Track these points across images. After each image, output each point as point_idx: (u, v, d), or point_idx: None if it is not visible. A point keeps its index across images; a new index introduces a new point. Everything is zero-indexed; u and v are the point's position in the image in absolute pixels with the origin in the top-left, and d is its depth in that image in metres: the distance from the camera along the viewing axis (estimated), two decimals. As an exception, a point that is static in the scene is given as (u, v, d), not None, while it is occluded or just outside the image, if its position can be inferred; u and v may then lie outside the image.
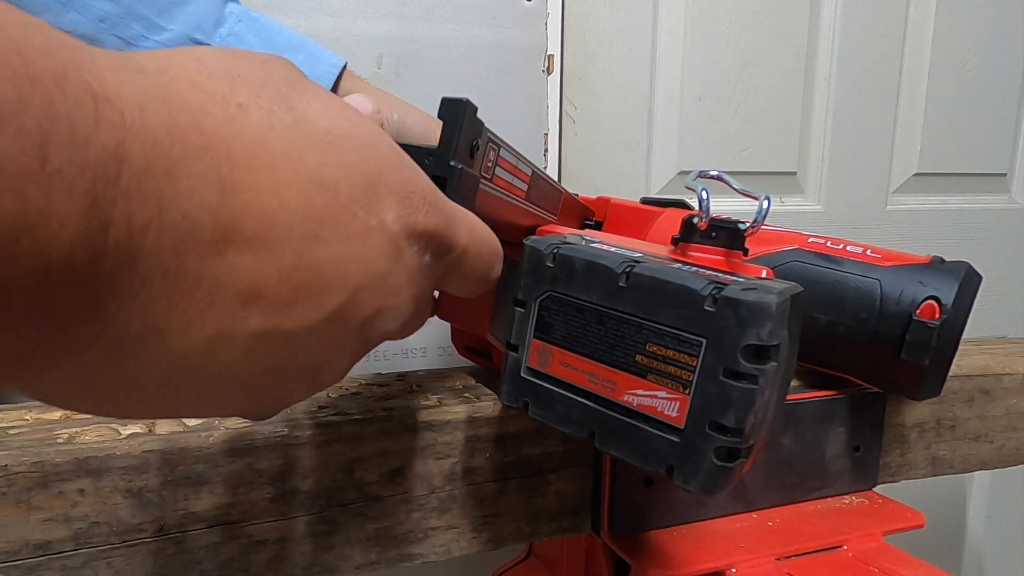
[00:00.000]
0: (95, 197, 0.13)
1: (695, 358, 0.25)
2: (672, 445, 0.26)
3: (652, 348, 0.27)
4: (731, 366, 0.25)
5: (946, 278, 0.38)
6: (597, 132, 0.72)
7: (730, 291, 0.25)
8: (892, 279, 0.38)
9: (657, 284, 0.26)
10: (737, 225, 0.31)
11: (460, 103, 0.27)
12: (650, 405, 0.27)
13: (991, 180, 0.90)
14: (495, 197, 0.32)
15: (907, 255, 0.40)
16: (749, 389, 0.25)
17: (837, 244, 0.41)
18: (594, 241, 0.31)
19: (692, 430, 0.26)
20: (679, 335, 0.26)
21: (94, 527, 0.31)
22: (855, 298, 0.39)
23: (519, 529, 0.40)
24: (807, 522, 0.41)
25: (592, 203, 0.49)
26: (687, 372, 0.26)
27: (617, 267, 0.27)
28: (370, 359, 0.63)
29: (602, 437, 0.28)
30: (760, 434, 0.26)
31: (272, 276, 0.17)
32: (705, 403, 0.25)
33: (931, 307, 0.37)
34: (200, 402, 0.19)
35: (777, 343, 0.25)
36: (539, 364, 0.30)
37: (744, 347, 0.24)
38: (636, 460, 0.27)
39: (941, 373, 0.39)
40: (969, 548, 1.00)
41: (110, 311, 0.15)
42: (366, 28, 0.60)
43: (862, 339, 0.39)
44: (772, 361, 0.25)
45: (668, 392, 0.26)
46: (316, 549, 0.35)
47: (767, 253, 0.41)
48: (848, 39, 0.79)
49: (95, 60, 0.14)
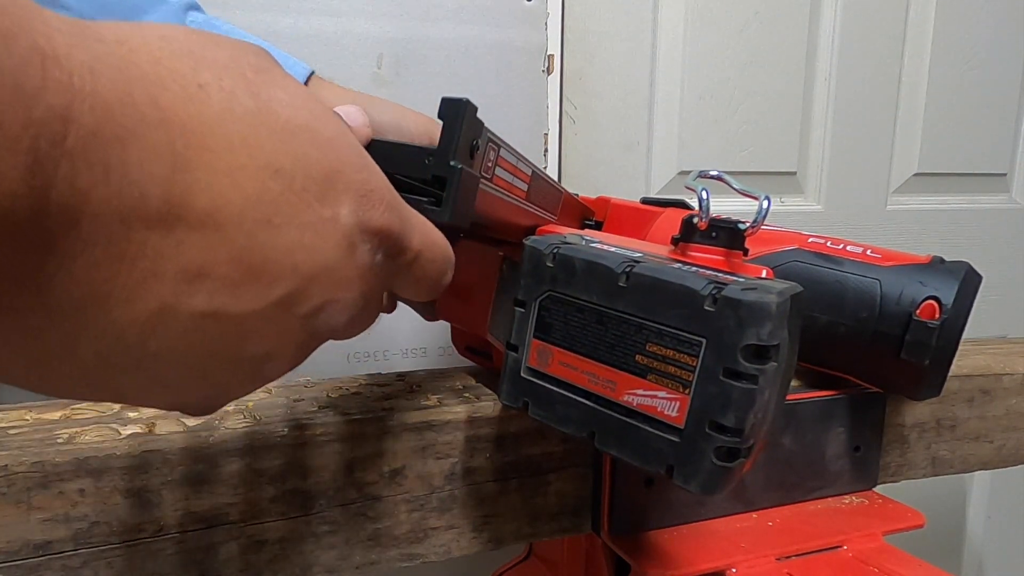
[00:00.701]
0: (37, 155, 0.13)
1: (695, 358, 0.25)
2: (672, 445, 0.26)
3: (652, 348, 0.27)
4: (731, 366, 0.25)
5: (946, 278, 0.38)
6: (597, 132, 0.72)
7: (730, 291, 0.25)
8: (892, 279, 0.38)
9: (657, 284, 0.26)
10: (737, 225, 0.31)
11: (460, 103, 0.27)
12: (650, 405, 0.27)
13: (991, 180, 0.90)
14: (495, 197, 0.32)
15: (907, 255, 0.40)
16: (749, 389, 0.25)
17: (837, 244, 0.41)
18: (594, 241, 0.31)
19: (692, 430, 0.26)
20: (679, 335, 0.26)
21: (94, 527, 0.31)
22: (855, 298, 0.39)
23: (519, 529, 0.40)
24: (807, 522, 0.41)
25: (592, 203, 0.49)
26: (687, 372, 0.26)
27: (617, 267, 0.27)
28: (370, 359, 0.63)
29: (602, 437, 0.28)
30: (760, 434, 0.26)
31: (221, 257, 0.17)
32: (705, 403, 0.25)
33: (931, 307, 0.37)
34: (136, 384, 0.18)
35: (777, 343, 0.25)
36: (539, 364, 0.30)
37: (744, 347, 0.24)
38: (636, 460, 0.27)
39: (941, 373, 0.39)
40: (969, 548, 1.00)
41: (49, 271, 0.15)
42: (366, 28, 0.60)
43: (862, 339, 0.39)
44: (772, 361, 0.25)
45: (668, 392, 0.26)
46: (316, 549, 0.35)
47: (767, 253, 0.41)
48: (848, 39, 0.79)
49: (48, 23, 0.14)
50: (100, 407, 0.37)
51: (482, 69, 0.64)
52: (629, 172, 0.74)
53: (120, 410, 0.36)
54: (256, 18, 0.56)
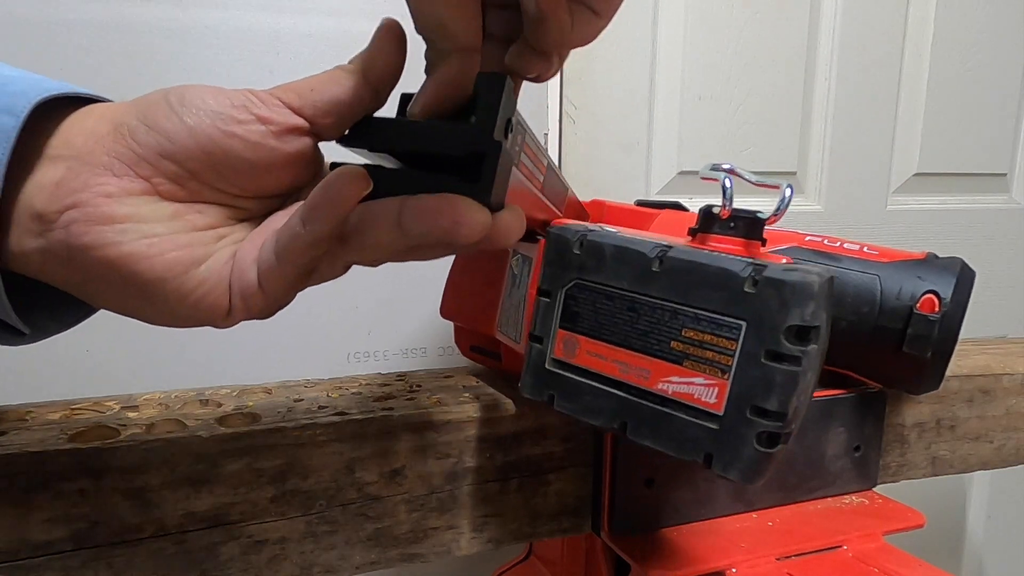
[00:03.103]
0: None
1: (734, 342, 0.25)
2: (710, 433, 0.25)
3: (688, 333, 0.26)
4: (774, 348, 0.24)
5: (943, 273, 0.38)
6: (597, 132, 0.72)
7: (772, 271, 0.24)
8: (891, 274, 0.39)
9: (694, 267, 0.26)
10: (756, 215, 0.30)
11: (499, 77, 0.25)
12: (687, 392, 0.26)
13: (991, 180, 0.90)
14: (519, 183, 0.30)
15: (902, 252, 0.40)
16: (792, 371, 0.24)
17: (834, 242, 0.42)
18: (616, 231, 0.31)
19: (732, 416, 0.25)
20: (717, 319, 0.25)
21: (94, 527, 0.31)
22: (855, 294, 0.39)
23: (519, 529, 0.40)
24: (807, 522, 0.41)
25: (586, 206, 0.49)
26: (726, 356, 0.25)
27: (650, 252, 0.27)
28: (370, 359, 0.63)
29: (634, 428, 0.27)
30: (800, 418, 0.26)
31: None
32: (746, 388, 0.25)
33: (931, 301, 0.38)
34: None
35: (819, 324, 0.24)
36: (565, 355, 0.29)
37: (787, 328, 0.24)
38: (672, 450, 0.26)
39: (942, 366, 0.39)
40: (969, 548, 1.00)
41: None
42: (366, 28, 0.60)
43: (863, 334, 0.39)
44: (813, 343, 0.24)
45: (706, 378, 0.26)
46: (316, 549, 0.35)
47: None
48: (848, 39, 0.79)
49: None
50: (100, 407, 0.37)
51: (482, 69, 0.64)
52: (629, 172, 0.74)
53: (120, 410, 0.36)
54: (256, 18, 0.56)
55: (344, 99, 0.26)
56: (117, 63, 0.52)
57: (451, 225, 0.24)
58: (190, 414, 0.36)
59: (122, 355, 0.55)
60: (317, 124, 0.26)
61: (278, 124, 0.25)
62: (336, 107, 0.26)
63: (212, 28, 0.54)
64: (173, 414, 0.36)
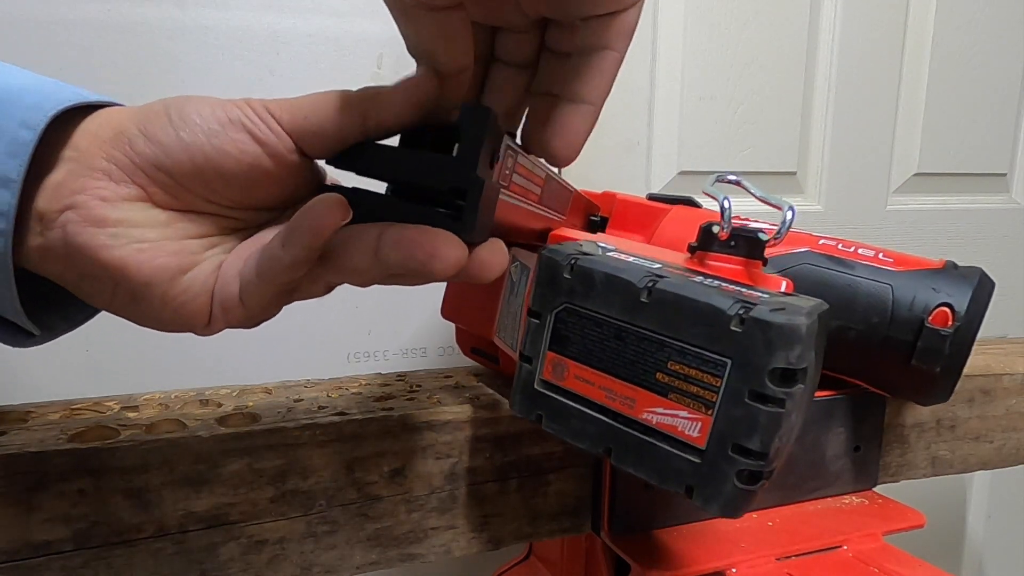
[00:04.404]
0: None
1: (719, 379, 0.25)
2: (692, 466, 0.25)
3: (674, 366, 0.26)
4: (758, 389, 0.24)
5: (959, 284, 0.37)
6: (597, 132, 0.72)
7: (759, 312, 0.24)
8: (904, 284, 0.38)
9: (681, 301, 0.25)
10: (757, 235, 0.30)
11: (483, 111, 0.25)
12: (670, 424, 0.26)
13: (991, 180, 0.90)
14: (511, 204, 0.31)
15: (920, 259, 0.39)
16: (776, 413, 0.24)
17: (848, 247, 0.41)
18: (611, 249, 0.30)
19: (714, 451, 0.25)
20: (703, 354, 0.25)
21: (94, 527, 0.31)
22: (866, 303, 0.38)
23: (519, 529, 0.40)
24: (807, 522, 0.41)
25: (597, 198, 0.48)
26: (711, 392, 0.25)
27: (639, 281, 0.26)
28: (370, 359, 0.63)
29: (619, 454, 0.27)
30: (784, 455, 0.26)
31: None
32: (729, 425, 0.24)
33: (944, 314, 0.36)
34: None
35: (805, 366, 0.24)
36: (554, 377, 0.29)
37: (772, 370, 0.24)
38: (654, 479, 0.26)
39: (951, 380, 0.38)
40: (969, 548, 1.00)
41: None
42: (366, 28, 0.60)
43: (872, 344, 0.38)
44: (799, 384, 0.24)
45: (690, 412, 0.25)
46: (316, 549, 0.35)
47: (777, 255, 0.41)
48: (848, 39, 0.79)
49: None
50: (100, 407, 0.37)
51: (482, 69, 0.64)
52: (629, 172, 0.74)
53: (120, 410, 0.36)
54: (256, 18, 0.56)
55: (333, 133, 0.26)
56: (117, 63, 0.52)
57: (426, 258, 0.24)
58: (190, 414, 0.36)
59: (122, 355, 0.55)
60: (304, 145, 0.26)
61: (270, 143, 0.25)
62: (323, 138, 0.26)
63: (212, 28, 0.54)
64: (173, 414, 0.36)
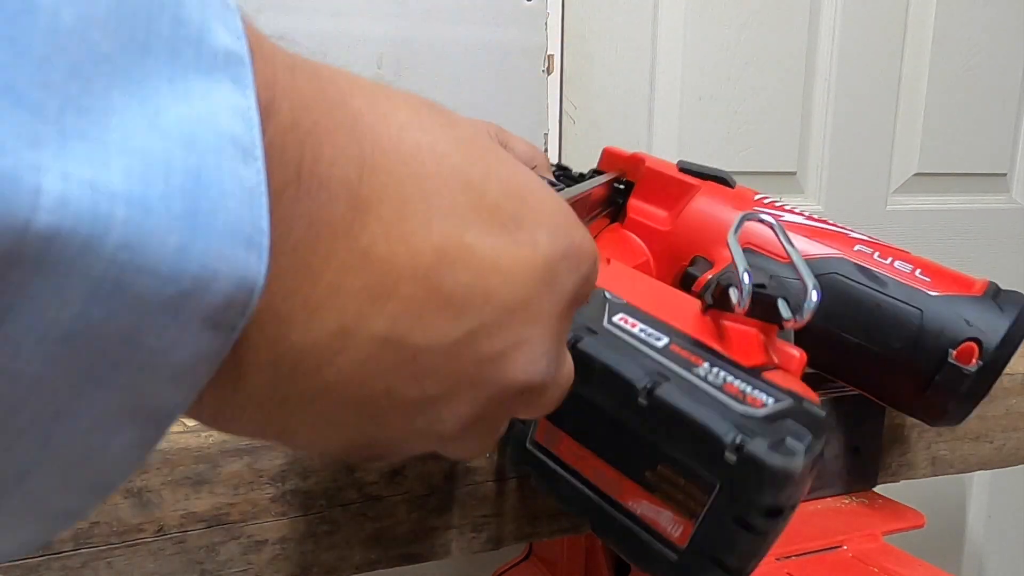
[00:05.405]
0: None
1: (706, 495, 0.24)
2: (670, 563, 0.26)
3: (664, 470, 0.25)
4: (744, 517, 0.24)
5: (995, 318, 0.34)
6: (597, 132, 0.72)
7: (755, 447, 0.23)
8: (936, 311, 0.35)
9: (680, 416, 0.24)
10: (776, 303, 0.28)
11: None
12: (654, 519, 0.26)
13: (991, 180, 0.90)
14: None
15: (961, 278, 0.36)
16: (757, 539, 0.24)
17: (885, 258, 0.38)
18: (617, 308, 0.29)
19: (692, 556, 0.25)
20: (695, 469, 0.25)
21: (94, 527, 0.31)
22: (892, 327, 0.36)
23: (519, 529, 0.40)
24: (807, 522, 0.41)
25: (625, 160, 0.45)
26: (696, 504, 0.25)
27: (639, 383, 0.25)
28: (370, 359, 0.63)
29: (602, 529, 0.27)
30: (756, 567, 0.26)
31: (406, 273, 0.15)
32: (710, 538, 0.24)
33: (970, 349, 0.34)
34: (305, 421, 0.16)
35: (795, 504, 0.24)
36: (547, 442, 0.29)
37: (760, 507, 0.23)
38: (633, 561, 0.27)
39: (965, 411, 0.36)
40: (969, 548, 1.00)
41: None
42: (366, 28, 0.60)
43: (889, 367, 0.37)
44: (786, 518, 0.24)
45: (674, 514, 0.25)
46: (316, 549, 0.35)
47: (811, 258, 0.38)
48: (848, 39, 0.79)
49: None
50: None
51: (482, 69, 0.64)
52: (629, 172, 0.74)
53: (120, 410, 0.36)
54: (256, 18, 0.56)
55: None
56: (117, 63, 0.52)
57: None
58: (190, 414, 0.36)
59: (122, 355, 0.55)
60: None
61: None
62: None
63: (212, 28, 0.54)
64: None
